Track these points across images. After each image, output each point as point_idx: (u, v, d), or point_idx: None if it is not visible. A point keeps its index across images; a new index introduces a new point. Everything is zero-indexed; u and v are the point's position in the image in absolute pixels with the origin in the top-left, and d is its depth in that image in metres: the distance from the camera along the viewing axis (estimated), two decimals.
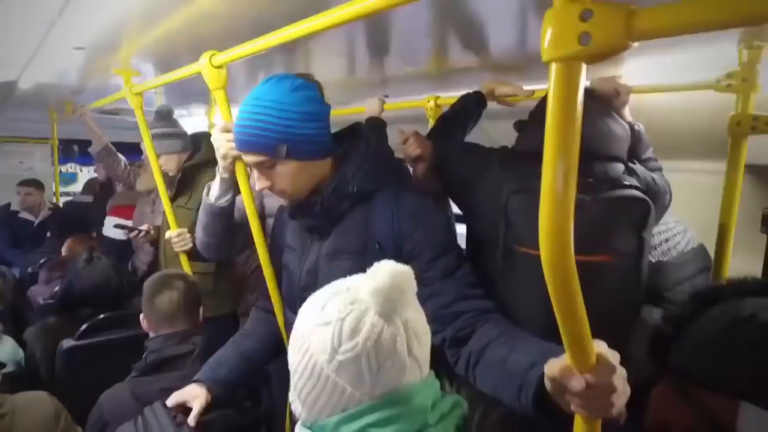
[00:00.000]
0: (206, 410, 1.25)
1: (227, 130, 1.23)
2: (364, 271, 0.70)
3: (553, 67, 0.53)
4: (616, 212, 1.01)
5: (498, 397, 0.82)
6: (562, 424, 0.72)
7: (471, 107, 1.53)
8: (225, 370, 1.30)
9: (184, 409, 1.23)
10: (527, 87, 1.57)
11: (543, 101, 1.34)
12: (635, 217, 1.02)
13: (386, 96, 2.08)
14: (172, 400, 1.23)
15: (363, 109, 2.06)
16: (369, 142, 1.15)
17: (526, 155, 1.11)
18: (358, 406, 0.66)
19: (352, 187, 1.10)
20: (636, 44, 0.50)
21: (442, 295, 1.00)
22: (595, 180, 1.08)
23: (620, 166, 1.16)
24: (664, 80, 1.49)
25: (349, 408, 0.67)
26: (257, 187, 1.12)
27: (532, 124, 1.21)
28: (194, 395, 1.24)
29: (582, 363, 0.65)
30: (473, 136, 1.56)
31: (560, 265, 0.57)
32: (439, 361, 0.97)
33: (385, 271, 0.67)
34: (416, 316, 0.71)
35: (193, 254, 1.91)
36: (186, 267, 1.89)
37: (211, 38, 1.38)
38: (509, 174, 1.13)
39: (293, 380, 0.72)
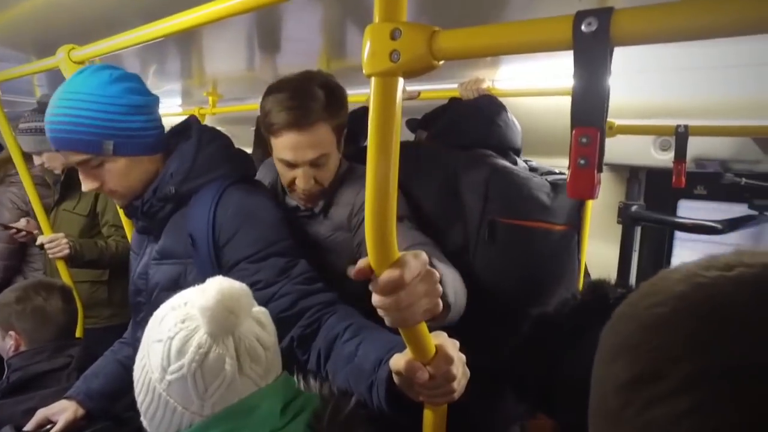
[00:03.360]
0: (78, 425, 1.19)
1: None
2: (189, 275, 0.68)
3: (373, 80, 0.56)
4: (562, 189, 1.14)
5: (353, 393, 0.85)
6: (412, 413, 0.77)
7: (360, 114, 1.56)
8: (100, 380, 1.24)
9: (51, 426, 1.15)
10: (412, 88, 1.64)
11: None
12: None
13: None
14: (35, 420, 1.15)
15: (257, 106, 2.04)
16: (200, 138, 1.09)
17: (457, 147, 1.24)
18: (193, 425, 0.67)
19: (170, 187, 1.05)
20: (441, 63, 0.54)
21: (284, 296, 0.97)
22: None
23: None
24: (539, 84, 1.60)
25: (183, 426, 0.67)
26: (84, 188, 1.05)
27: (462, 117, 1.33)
28: (61, 410, 1.17)
29: (422, 356, 0.70)
30: None
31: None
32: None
33: (214, 289, 0.66)
34: (253, 332, 0.71)
35: (77, 262, 1.80)
36: (65, 276, 1.76)
37: (91, 24, 1.27)
38: (459, 160, 1.21)
39: (135, 394, 0.71)
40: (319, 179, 1.13)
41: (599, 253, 1.56)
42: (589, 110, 0.44)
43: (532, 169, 1.24)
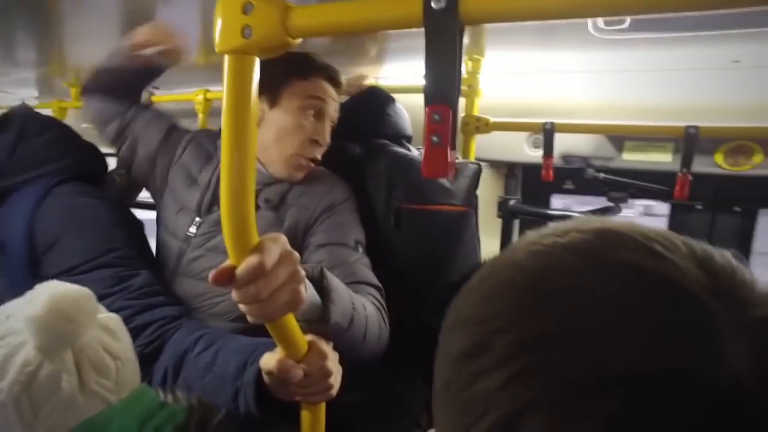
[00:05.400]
0: None
1: None
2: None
3: (226, 59, 0.52)
4: (459, 173, 1.21)
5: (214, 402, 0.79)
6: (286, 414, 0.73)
7: None
8: None
9: None
10: None
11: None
12: (473, 176, 1.23)
13: (156, 88, 1.91)
14: None
15: None
16: (22, 129, 0.99)
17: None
18: None
19: None
20: (299, 41, 0.51)
21: (121, 311, 0.85)
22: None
23: None
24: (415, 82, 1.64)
25: None
26: None
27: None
28: None
29: (294, 353, 0.66)
30: None
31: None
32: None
33: (44, 294, 0.58)
34: (99, 342, 0.63)
35: None
36: None
37: None
38: (359, 151, 1.26)
39: None
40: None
41: (482, 246, 1.63)
42: (441, 88, 0.44)
43: None
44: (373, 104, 1.35)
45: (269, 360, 0.68)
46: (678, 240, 0.30)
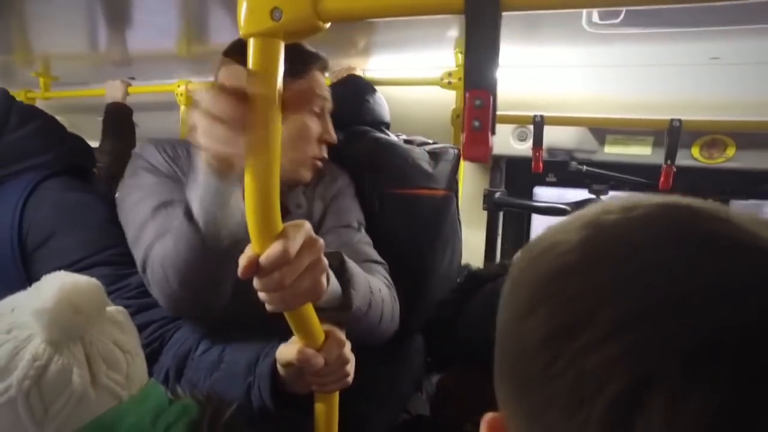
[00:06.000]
0: None
1: None
2: None
3: (251, 42, 0.51)
4: (440, 158, 1.22)
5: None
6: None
7: None
8: None
9: None
10: None
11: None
12: (454, 161, 1.24)
13: (132, 78, 1.85)
14: None
15: (104, 91, 1.81)
16: (6, 118, 0.93)
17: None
18: None
19: None
20: (328, 25, 0.51)
21: None
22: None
23: None
24: (408, 74, 1.64)
25: None
26: None
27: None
28: None
29: (313, 341, 0.66)
30: None
31: None
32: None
33: (52, 286, 0.55)
34: (109, 335, 0.60)
35: None
36: None
37: None
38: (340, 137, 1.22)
39: None
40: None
41: (468, 239, 1.64)
42: (481, 73, 0.44)
43: (408, 141, 1.30)
44: (353, 92, 1.35)
45: (287, 351, 0.67)
46: (728, 208, 0.31)
